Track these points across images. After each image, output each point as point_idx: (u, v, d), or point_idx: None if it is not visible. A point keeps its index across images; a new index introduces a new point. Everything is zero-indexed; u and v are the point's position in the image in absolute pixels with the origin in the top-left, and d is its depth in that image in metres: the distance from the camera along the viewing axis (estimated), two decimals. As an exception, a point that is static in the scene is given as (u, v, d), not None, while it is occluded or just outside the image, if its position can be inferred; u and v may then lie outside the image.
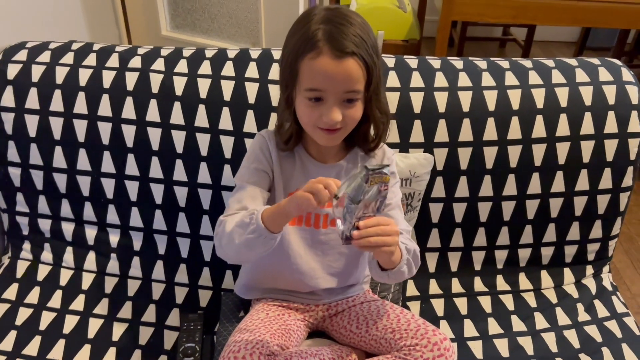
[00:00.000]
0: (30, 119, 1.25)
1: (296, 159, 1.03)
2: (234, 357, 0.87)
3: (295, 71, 0.90)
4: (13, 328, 1.17)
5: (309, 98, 0.90)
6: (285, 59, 0.93)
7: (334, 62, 0.86)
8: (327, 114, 0.89)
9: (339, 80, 0.87)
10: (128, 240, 1.32)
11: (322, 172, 1.01)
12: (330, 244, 1.05)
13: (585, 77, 1.27)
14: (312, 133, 0.96)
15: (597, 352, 1.15)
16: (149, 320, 1.20)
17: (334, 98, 0.89)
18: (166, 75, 1.25)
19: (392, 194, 1.04)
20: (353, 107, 0.91)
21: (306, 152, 1.03)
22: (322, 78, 0.88)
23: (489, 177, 1.25)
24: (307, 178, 0.96)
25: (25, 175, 1.29)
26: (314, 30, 0.87)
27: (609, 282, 1.34)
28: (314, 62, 0.87)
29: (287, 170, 1.02)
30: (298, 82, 0.91)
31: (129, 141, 1.24)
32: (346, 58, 0.86)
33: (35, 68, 1.27)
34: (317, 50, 0.86)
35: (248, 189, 0.98)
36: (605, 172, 1.26)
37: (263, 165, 1.01)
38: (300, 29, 0.90)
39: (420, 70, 1.26)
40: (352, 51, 0.86)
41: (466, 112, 1.22)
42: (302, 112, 0.93)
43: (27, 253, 1.34)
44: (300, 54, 0.88)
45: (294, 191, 0.97)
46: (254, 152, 1.03)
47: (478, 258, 1.33)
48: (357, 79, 0.88)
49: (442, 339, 0.93)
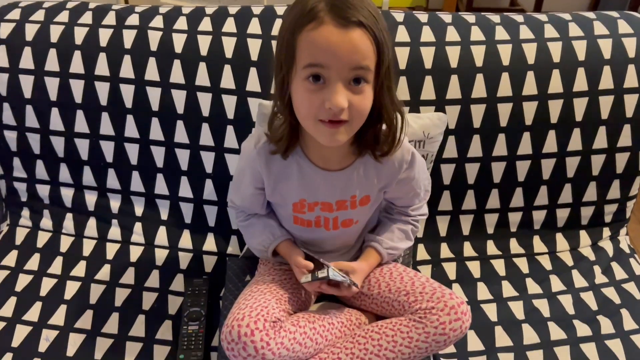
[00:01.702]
0: (25, 80, 1.21)
1: (294, 167, 0.92)
2: (238, 325, 0.84)
3: (292, 48, 0.75)
4: (13, 294, 1.14)
5: (308, 77, 0.75)
6: (280, 37, 0.79)
7: (337, 31, 0.72)
8: (330, 98, 0.74)
9: (343, 52, 0.73)
10: (129, 206, 1.29)
11: (326, 180, 0.92)
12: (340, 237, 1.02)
13: (604, 29, 1.21)
14: (313, 130, 0.81)
15: (615, 313, 1.12)
16: (153, 285, 1.17)
17: (338, 77, 0.75)
18: (165, 32, 1.20)
19: (409, 187, 0.99)
20: (361, 93, 0.77)
21: (306, 157, 0.91)
22: (324, 50, 0.73)
23: (503, 136, 1.20)
24: (309, 187, 0.93)
25: (22, 138, 1.25)
26: (314, 2, 0.74)
27: (627, 244, 1.31)
28: (314, 34, 0.73)
29: (283, 183, 0.94)
30: (295, 61, 0.76)
31: (128, 102, 1.20)
32: (352, 27, 0.72)
33: (29, 27, 1.22)
34: (318, 20, 0.73)
35: (245, 192, 1.00)
36: (625, 129, 1.21)
37: (255, 183, 0.96)
38: (298, 3, 0.77)
39: (431, 25, 1.21)
40: (359, 20, 0.72)
41: (479, 67, 1.17)
42: (301, 101, 0.78)
43: (26, 220, 1.31)
44: (298, 27, 0.74)
45: (298, 201, 0.95)
46: (243, 170, 0.97)
47: (491, 221, 1.29)
48: (365, 53, 0.74)
49: (459, 303, 0.89)
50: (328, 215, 0.97)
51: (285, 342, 0.86)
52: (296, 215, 0.98)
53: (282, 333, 0.86)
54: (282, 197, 0.96)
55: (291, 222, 0.99)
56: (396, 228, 1.03)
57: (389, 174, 0.95)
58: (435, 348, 0.89)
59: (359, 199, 0.96)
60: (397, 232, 1.03)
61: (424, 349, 0.89)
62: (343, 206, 0.96)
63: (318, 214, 0.96)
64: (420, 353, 0.89)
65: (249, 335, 0.82)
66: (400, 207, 1.04)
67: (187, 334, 1.04)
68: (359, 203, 0.96)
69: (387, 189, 0.98)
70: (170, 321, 1.09)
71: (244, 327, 0.83)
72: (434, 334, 0.87)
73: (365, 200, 0.97)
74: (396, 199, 1.02)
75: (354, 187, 0.94)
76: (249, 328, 0.83)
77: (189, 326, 1.06)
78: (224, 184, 1.23)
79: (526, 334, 1.08)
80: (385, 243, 1.01)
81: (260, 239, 1.01)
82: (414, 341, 0.88)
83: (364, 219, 1.02)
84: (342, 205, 0.95)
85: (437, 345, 0.88)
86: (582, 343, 1.06)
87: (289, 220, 1.00)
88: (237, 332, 0.83)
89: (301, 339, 0.89)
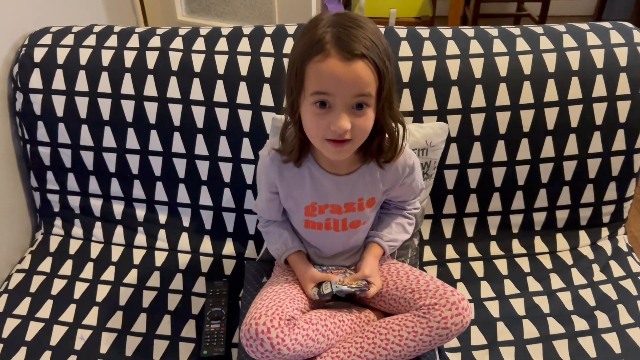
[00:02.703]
0: (57, 99, 1.30)
1: (306, 173, 1.00)
2: (255, 323, 0.91)
3: (302, 76, 0.85)
4: (49, 297, 1.23)
5: (315, 103, 0.84)
6: (291, 64, 0.88)
7: (342, 65, 0.81)
8: (334, 122, 0.84)
9: (347, 83, 0.82)
10: (154, 214, 1.38)
11: (336, 184, 1.00)
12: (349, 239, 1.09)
13: (596, 40, 1.27)
14: (320, 147, 0.91)
15: (612, 309, 1.17)
16: (177, 288, 1.25)
17: (342, 103, 0.83)
18: (185, 53, 1.29)
19: (410, 188, 1.07)
20: (363, 116, 0.85)
21: (316, 163, 1.00)
22: (329, 81, 0.82)
23: (502, 142, 1.27)
24: (319, 191, 1.01)
25: (54, 153, 1.35)
26: (321, 34, 0.82)
27: (625, 243, 1.35)
28: (321, 65, 0.82)
29: (295, 188, 1.02)
30: (304, 87, 0.85)
31: (152, 118, 1.29)
32: (355, 60, 0.81)
33: (60, 50, 1.32)
34: (325, 52, 0.81)
35: (263, 198, 1.08)
36: (619, 134, 1.27)
37: (270, 188, 1.05)
38: (307, 33, 0.85)
39: (432, 40, 1.28)
40: (362, 53, 0.81)
41: (478, 78, 1.24)
42: (309, 123, 0.88)
43: (58, 229, 1.40)
44: (307, 57, 0.83)
45: (309, 204, 1.02)
46: (260, 177, 1.06)
47: (493, 223, 1.35)
48: (367, 82, 0.83)
49: (460, 299, 0.95)
50: (337, 217, 1.04)
51: (299, 338, 0.92)
52: (307, 219, 1.06)
53: (296, 330, 0.93)
54: (294, 202, 1.04)
55: (303, 226, 1.07)
56: (394, 223, 1.11)
57: (393, 179, 1.03)
58: (439, 341, 0.96)
59: (366, 201, 1.04)
60: (394, 226, 1.11)
61: (428, 342, 0.95)
62: (351, 208, 1.03)
63: (328, 217, 1.04)
64: (424, 346, 0.96)
65: (266, 332, 0.90)
66: (397, 203, 1.13)
67: (209, 331, 1.12)
68: (366, 205, 1.04)
69: (391, 191, 1.06)
70: (194, 320, 1.17)
71: (261, 325, 0.90)
72: (437, 328, 0.94)
73: (371, 202, 1.05)
74: (396, 197, 1.10)
75: (360, 190, 1.02)
76: (265, 326, 0.90)
77: (211, 325, 1.14)
78: (241, 192, 1.32)
79: (526, 329, 1.14)
80: (385, 237, 1.09)
81: (275, 247, 1.11)
82: (418, 335, 0.95)
83: (370, 220, 1.09)
84: (350, 208, 1.03)
85: (440, 338, 0.95)
86: (579, 337, 1.12)
87: (301, 224, 1.08)
88: (255, 330, 0.90)
89: (314, 335, 0.95)
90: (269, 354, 0.90)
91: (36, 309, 1.20)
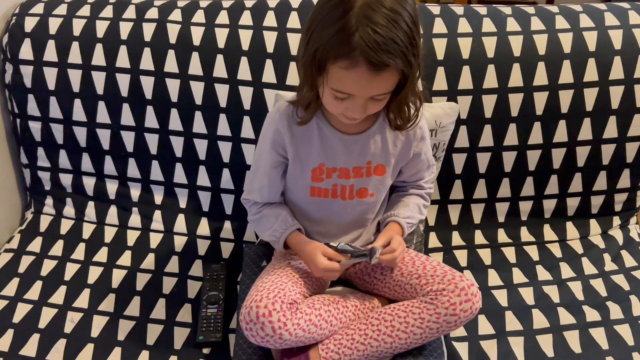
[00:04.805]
0: (49, 72, 1.25)
1: (315, 131, 0.97)
2: (256, 305, 0.87)
3: (324, 69, 0.82)
4: (39, 279, 1.19)
5: (335, 96, 0.84)
6: (311, 49, 0.81)
7: (369, 74, 0.78)
8: (352, 110, 0.86)
9: (370, 89, 0.82)
10: (149, 194, 1.33)
11: (344, 143, 0.96)
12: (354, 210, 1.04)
13: (614, 20, 1.23)
14: (335, 116, 0.92)
15: (625, 300, 1.14)
16: (172, 270, 1.21)
17: (362, 99, 0.84)
18: (183, 25, 1.23)
19: (421, 161, 1.04)
20: (380, 101, 0.87)
21: (327, 121, 0.97)
22: (353, 87, 0.82)
23: (514, 126, 1.22)
24: (328, 151, 0.97)
25: (46, 129, 1.30)
26: (352, 31, 0.75)
27: (637, 232, 1.32)
28: (346, 72, 0.79)
29: (304, 146, 0.98)
30: (325, 76, 0.83)
31: (148, 93, 1.24)
32: (383, 70, 0.78)
33: (52, 20, 1.26)
34: (353, 60, 0.77)
35: (263, 172, 1.02)
36: (635, 119, 1.23)
37: (276, 148, 0.99)
38: (336, 18, 0.77)
39: (443, 17, 1.23)
40: (391, 64, 0.77)
41: (491, 57, 1.19)
42: (327, 101, 0.88)
43: (49, 208, 1.36)
44: (332, 57, 0.78)
45: (317, 166, 0.98)
46: (266, 134, 1.00)
47: (502, 210, 1.31)
48: (389, 86, 0.83)
49: (470, 285, 0.92)
50: (345, 183, 1.00)
51: (301, 323, 0.89)
52: (313, 185, 1.00)
53: (299, 314, 0.89)
54: (301, 164, 0.99)
55: (308, 194, 1.01)
56: (410, 202, 1.07)
57: (403, 145, 0.99)
58: (447, 329, 0.92)
59: (374, 167, 0.99)
60: (411, 206, 1.07)
61: (435, 330, 0.92)
62: (359, 173, 0.99)
63: (335, 182, 0.99)
64: (431, 334, 0.92)
65: (267, 315, 0.86)
66: (413, 182, 1.08)
67: (206, 316, 1.08)
68: (374, 171, 1.00)
69: (402, 163, 1.02)
70: (190, 305, 1.13)
71: (262, 308, 0.86)
72: (445, 315, 0.90)
73: (380, 169, 1.00)
74: (411, 175, 1.06)
75: (369, 153, 0.98)
76: (266, 309, 0.86)
77: (208, 309, 1.10)
78: (241, 173, 1.27)
79: (536, 319, 1.11)
80: (402, 214, 1.04)
81: (273, 228, 1.03)
82: (425, 322, 0.91)
83: (378, 193, 1.04)
84: (358, 172, 0.99)
85: (448, 325, 0.91)
86: (591, 328, 1.09)
87: (306, 193, 1.02)
88: (256, 313, 0.86)
89: (316, 321, 0.92)
90: (270, 338, 0.86)
91: (24, 290, 1.16)
